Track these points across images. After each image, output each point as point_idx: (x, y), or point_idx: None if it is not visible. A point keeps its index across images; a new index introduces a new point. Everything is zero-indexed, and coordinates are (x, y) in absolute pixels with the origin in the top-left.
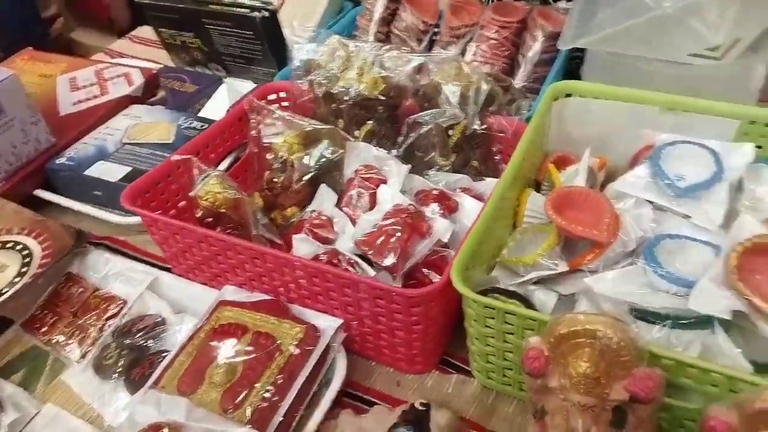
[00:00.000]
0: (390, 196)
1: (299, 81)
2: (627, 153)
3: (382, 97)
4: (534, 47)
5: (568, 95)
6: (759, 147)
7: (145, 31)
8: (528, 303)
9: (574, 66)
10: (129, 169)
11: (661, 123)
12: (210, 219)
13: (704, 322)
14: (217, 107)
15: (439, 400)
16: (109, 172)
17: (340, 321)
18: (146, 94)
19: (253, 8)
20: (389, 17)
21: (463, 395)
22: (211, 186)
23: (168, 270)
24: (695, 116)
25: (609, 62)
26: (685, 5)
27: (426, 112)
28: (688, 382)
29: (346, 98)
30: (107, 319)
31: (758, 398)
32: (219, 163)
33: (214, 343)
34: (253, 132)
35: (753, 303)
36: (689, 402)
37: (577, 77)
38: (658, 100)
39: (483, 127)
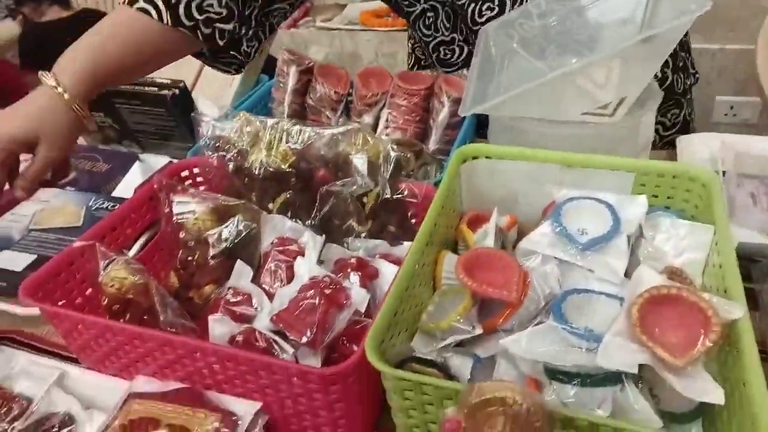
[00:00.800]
0: (306, 268)
1: (209, 157)
2: (536, 209)
3: (293, 170)
4: (442, 112)
5: (475, 157)
6: (655, 196)
7: None
8: (446, 370)
9: (482, 125)
10: (34, 257)
11: (563, 179)
12: (117, 306)
13: (613, 378)
14: (129, 186)
15: None
16: (13, 261)
17: (259, 404)
18: (56, 177)
19: (162, 86)
20: (302, 89)
21: None
22: (116, 272)
23: (78, 362)
24: (593, 171)
25: (509, 124)
26: (573, 69)
27: (339, 181)
28: None
29: (256, 172)
30: (11, 421)
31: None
32: (131, 246)
33: None
34: (166, 210)
35: (657, 354)
36: None
37: (486, 135)
38: (557, 158)
39: (397, 192)
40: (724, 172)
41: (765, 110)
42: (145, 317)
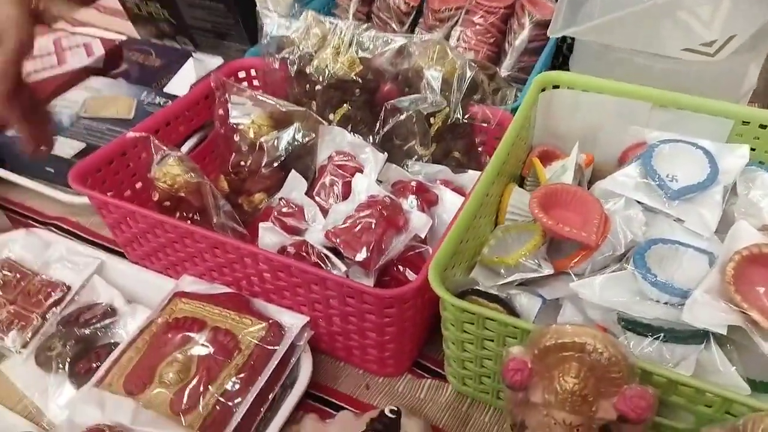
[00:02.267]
0: (365, 186)
1: (271, 59)
2: (614, 150)
3: (359, 80)
4: (521, 35)
5: (556, 86)
6: (752, 149)
7: (113, 1)
8: (510, 308)
9: (562, 57)
10: (84, 145)
11: (651, 120)
12: (168, 203)
13: (698, 336)
14: (183, 83)
15: (411, 406)
16: (63, 147)
17: (307, 318)
18: (108, 67)
19: None
20: None
21: (437, 401)
22: (169, 167)
23: (123, 255)
24: (688, 114)
25: (598, 53)
26: None
27: (406, 97)
28: (680, 401)
29: (320, 79)
30: (50, 306)
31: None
32: (182, 144)
33: (167, 339)
34: (220, 111)
35: (750, 317)
36: (679, 421)
37: (565, 69)
38: (651, 95)
39: (466, 116)
40: None
41: None
42: (196, 217)
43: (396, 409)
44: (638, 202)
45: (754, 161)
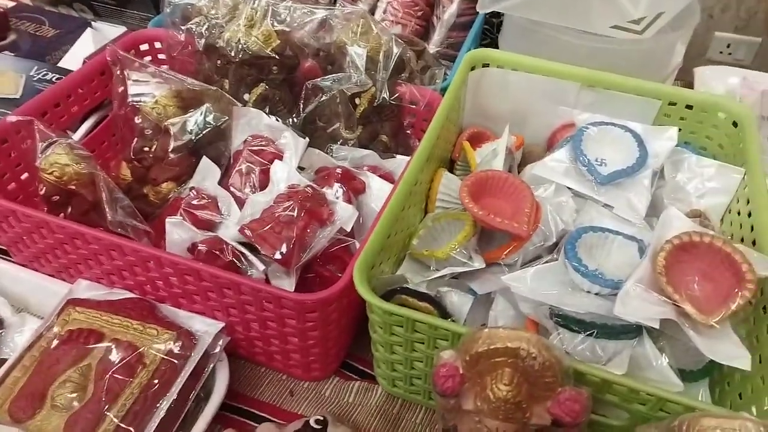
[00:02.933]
0: (285, 174)
1: (176, 30)
2: (544, 131)
3: (277, 56)
4: (450, 9)
5: (486, 65)
6: (679, 130)
7: None
8: (441, 307)
9: (490, 32)
10: None
11: (580, 100)
12: (57, 197)
13: (631, 331)
14: (79, 57)
15: (339, 412)
16: None
17: (221, 324)
18: None
19: None
20: None
21: (366, 405)
22: (57, 157)
23: (8, 255)
24: (616, 94)
25: (527, 30)
26: None
27: (329, 76)
28: (614, 400)
29: (233, 54)
30: None
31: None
32: (76, 127)
33: (59, 355)
34: (119, 89)
35: (682, 309)
36: (614, 418)
37: (494, 45)
38: (580, 75)
39: (393, 97)
40: None
41: (762, 51)
42: (90, 212)
43: (322, 418)
44: (568, 188)
45: (680, 142)
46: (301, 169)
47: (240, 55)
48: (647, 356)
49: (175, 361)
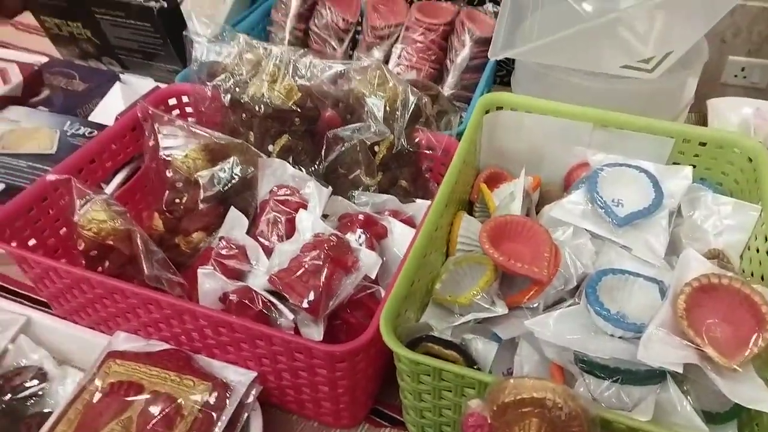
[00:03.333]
0: (310, 223)
1: (202, 86)
2: (560, 170)
3: (298, 108)
4: (462, 53)
5: (499, 108)
6: (693, 166)
7: (31, 16)
8: (466, 354)
9: (501, 72)
10: (2, 186)
11: (593, 139)
12: (95, 252)
13: (655, 376)
14: (110, 110)
15: None
16: None
17: (254, 374)
18: (27, 94)
19: None
20: (307, 13)
21: None
22: (94, 213)
23: (48, 308)
24: (629, 134)
25: (539, 74)
26: (615, 17)
27: (349, 126)
28: None
29: (257, 109)
30: None
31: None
32: (110, 179)
33: (101, 408)
34: (151, 143)
35: (705, 353)
36: None
37: (507, 84)
38: (592, 115)
39: (412, 143)
40: None
41: None
42: (127, 266)
43: None
44: (586, 230)
45: (695, 178)
46: (324, 216)
47: (264, 109)
48: (672, 401)
49: (212, 412)
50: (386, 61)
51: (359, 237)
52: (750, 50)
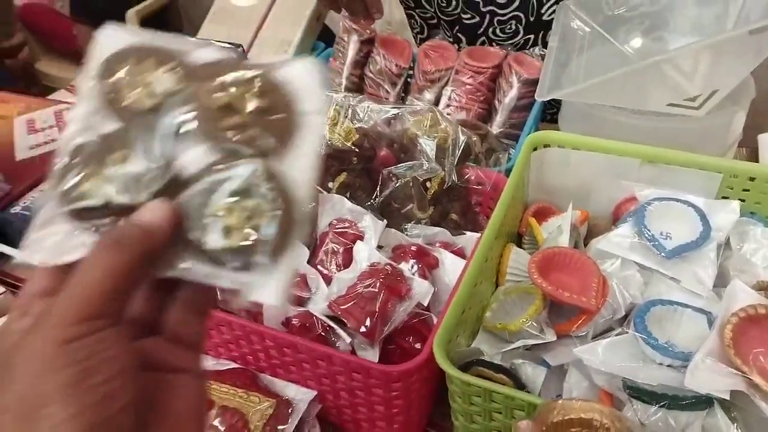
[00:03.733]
0: (366, 253)
1: None
2: (608, 205)
3: (356, 149)
4: (510, 93)
5: (546, 145)
6: (741, 200)
7: None
8: (516, 378)
9: (550, 110)
10: None
11: (641, 175)
12: None
13: (702, 402)
14: None
15: None
16: None
17: (314, 393)
18: None
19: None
20: (362, 60)
21: None
22: None
23: None
24: (677, 169)
25: (585, 113)
26: (661, 58)
27: (403, 164)
28: None
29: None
30: None
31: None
32: None
33: None
34: None
35: (752, 381)
36: None
37: (554, 121)
38: (639, 152)
39: (462, 179)
40: None
41: None
42: None
43: None
44: (634, 262)
45: (745, 212)
46: (380, 247)
47: (325, 150)
48: (719, 427)
49: (276, 427)
50: (437, 102)
51: (412, 267)
52: None
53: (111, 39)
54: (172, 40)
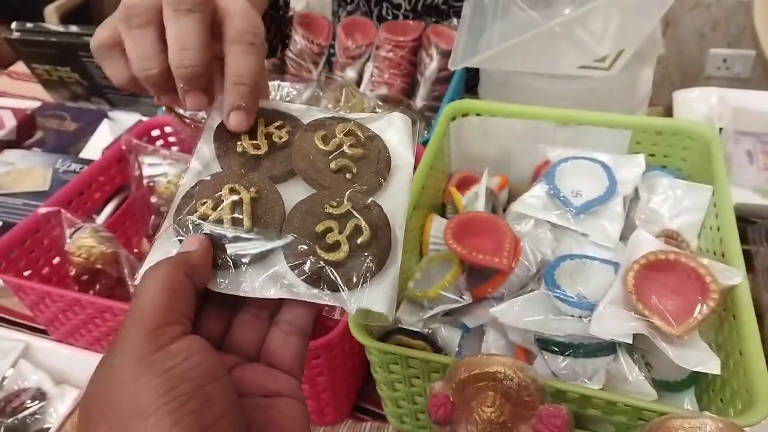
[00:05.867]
0: None
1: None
2: (527, 169)
3: None
4: (431, 66)
5: (465, 115)
6: (652, 155)
7: (25, 66)
8: (433, 342)
9: (473, 80)
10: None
11: (557, 137)
12: (86, 276)
13: (607, 348)
14: (99, 146)
15: None
16: None
17: None
18: (22, 137)
19: None
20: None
21: None
22: (83, 240)
23: (46, 334)
24: (590, 129)
25: (501, 80)
26: (570, 19)
27: None
28: (596, 414)
29: None
30: None
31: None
32: (100, 211)
33: None
34: (136, 173)
35: (653, 323)
36: (601, 431)
37: (477, 90)
38: (552, 115)
39: None
40: (720, 129)
41: (758, 64)
42: (117, 287)
43: None
44: (547, 221)
45: (656, 166)
46: None
47: None
48: (623, 371)
49: None
50: (360, 78)
51: None
52: (730, 42)
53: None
54: (278, 104)
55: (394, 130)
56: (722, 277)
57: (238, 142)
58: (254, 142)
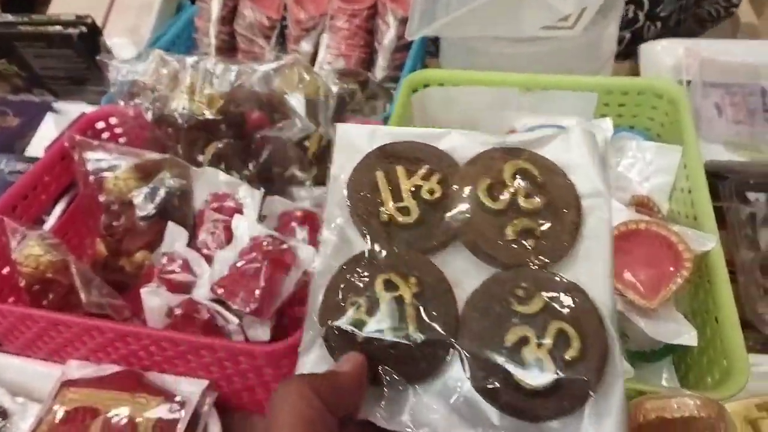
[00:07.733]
0: (245, 227)
1: (125, 106)
2: None
3: (222, 115)
4: (389, 34)
5: (427, 85)
6: (620, 116)
7: None
8: None
9: (434, 43)
10: None
11: (522, 103)
12: (37, 286)
13: None
14: (45, 141)
15: None
16: None
17: (206, 382)
18: None
19: (68, 24)
20: (230, 15)
21: None
22: (30, 249)
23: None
24: (556, 93)
25: (464, 47)
26: None
27: (275, 126)
28: None
29: (180, 121)
30: None
31: (638, 412)
32: (50, 212)
33: None
34: (81, 170)
35: (627, 297)
36: None
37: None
38: (516, 80)
39: None
40: (689, 82)
41: None
42: (70, 295)
43: None
44: None
45: (624, 127)
46: (264, 218)
47: (187, 121)
48: None
49: (168, 424)
50: (315, 51)
51: (300, 233)
52: None
53: (348, 139)
54: (410, 133)
55: (577, 153)
56: (695, 244)
57: (381, 208)
58: (400, 205)
